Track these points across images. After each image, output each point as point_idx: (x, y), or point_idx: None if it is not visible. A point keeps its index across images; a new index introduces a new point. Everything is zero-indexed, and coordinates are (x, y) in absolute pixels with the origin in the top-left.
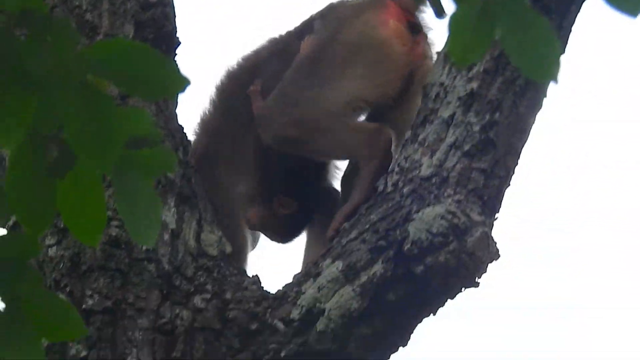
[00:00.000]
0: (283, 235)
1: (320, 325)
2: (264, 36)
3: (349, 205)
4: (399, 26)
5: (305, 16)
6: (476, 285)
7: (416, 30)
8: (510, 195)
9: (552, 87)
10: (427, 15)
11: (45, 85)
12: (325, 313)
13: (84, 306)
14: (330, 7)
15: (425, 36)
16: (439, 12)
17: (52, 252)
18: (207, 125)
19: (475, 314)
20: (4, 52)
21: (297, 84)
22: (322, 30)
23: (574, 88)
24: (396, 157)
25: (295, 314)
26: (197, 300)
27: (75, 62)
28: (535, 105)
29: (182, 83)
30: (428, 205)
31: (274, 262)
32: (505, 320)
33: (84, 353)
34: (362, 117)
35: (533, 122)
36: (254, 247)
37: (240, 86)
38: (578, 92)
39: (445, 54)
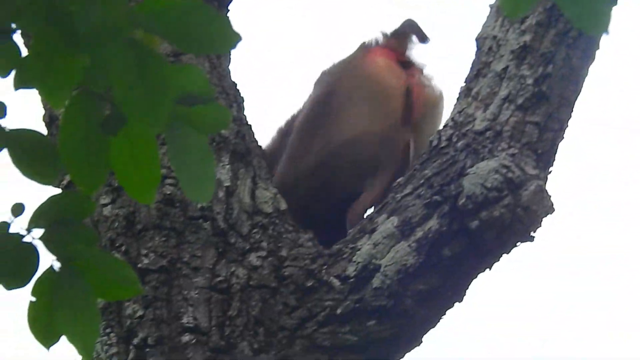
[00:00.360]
0: None
1: (376, 281)
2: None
3: (362, 201)
4: (387, 62)
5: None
6: (531, 239)
7: (408, 66)
8: (563, 148)
9: (604, 39)
10: (416, 51)
11: (94, 43)
12: (381, 269)
13: (139, 265)
14: (322, 73)
15: (420, 70)
16: (422, 38)
17: (106, 211)
18: None
19: (530, 269)
20: (53, 9)
21: (302, 140)
22: (315, 91)
23: (626, 39)
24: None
25: (350, 270)
26: (253, 258)
27: (126, 19)
28: (588, 57)
29: (235, 39)
30: (482, 159)
31: None
32: (561, 274)
33: (140, 312)
34: None
35: (586, 74)
36: None
37: None
38: (629, 43)
39: (497, 8)
